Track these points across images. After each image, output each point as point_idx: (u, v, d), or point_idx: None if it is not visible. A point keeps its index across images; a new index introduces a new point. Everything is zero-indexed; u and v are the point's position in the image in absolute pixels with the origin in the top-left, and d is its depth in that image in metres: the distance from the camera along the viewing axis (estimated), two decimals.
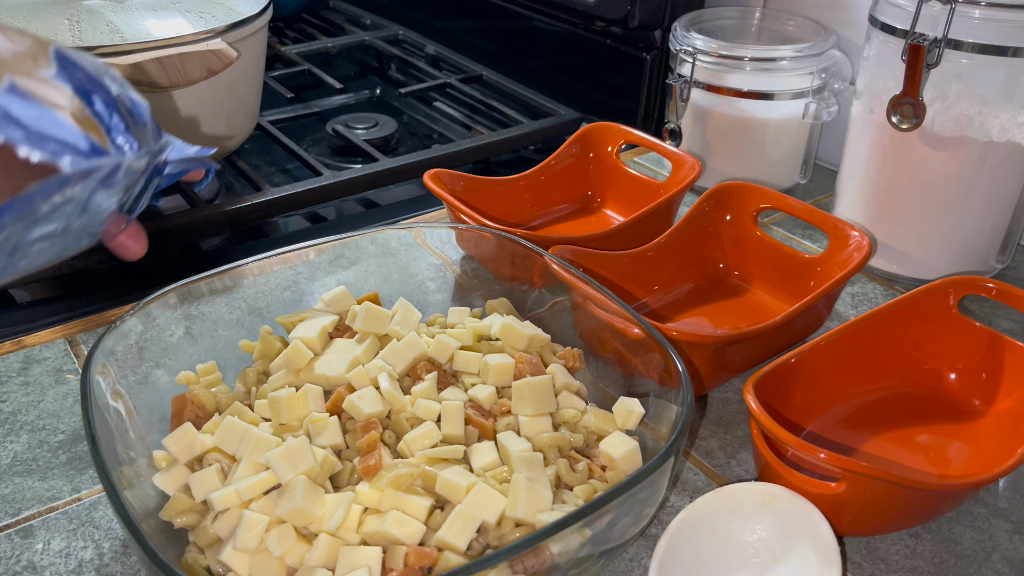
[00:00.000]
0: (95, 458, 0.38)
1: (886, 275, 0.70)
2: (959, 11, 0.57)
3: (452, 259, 0.60)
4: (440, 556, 0.38)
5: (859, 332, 0.54)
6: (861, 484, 0.42)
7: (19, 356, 0.59)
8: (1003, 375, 0.53)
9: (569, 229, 0.75)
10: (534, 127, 0.91)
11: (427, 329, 0.53)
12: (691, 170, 0.69)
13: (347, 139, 0.90)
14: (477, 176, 0.72)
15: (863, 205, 0.69)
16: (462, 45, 1.13)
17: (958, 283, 0.55)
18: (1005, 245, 0.68)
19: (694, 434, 0.54)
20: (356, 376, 0.47)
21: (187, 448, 0.44)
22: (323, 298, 0.53)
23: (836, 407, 0.54)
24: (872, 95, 0.65)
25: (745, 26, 0.83)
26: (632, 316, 0.47)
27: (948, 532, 0.47)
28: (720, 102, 0.78)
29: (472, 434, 0.46)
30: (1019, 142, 0.61)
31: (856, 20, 0.80)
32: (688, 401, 0.41)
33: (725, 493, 0.44)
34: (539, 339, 0.51)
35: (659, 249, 0.64)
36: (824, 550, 0.41)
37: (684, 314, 0.64)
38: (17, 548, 0.45)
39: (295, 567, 0.39)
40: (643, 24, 0.87)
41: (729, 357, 0.55)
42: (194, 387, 0.48)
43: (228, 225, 0.75)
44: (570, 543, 0.37)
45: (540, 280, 0.55)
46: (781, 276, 0.64)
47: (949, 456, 0.51)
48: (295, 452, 0.41)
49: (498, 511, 0.40)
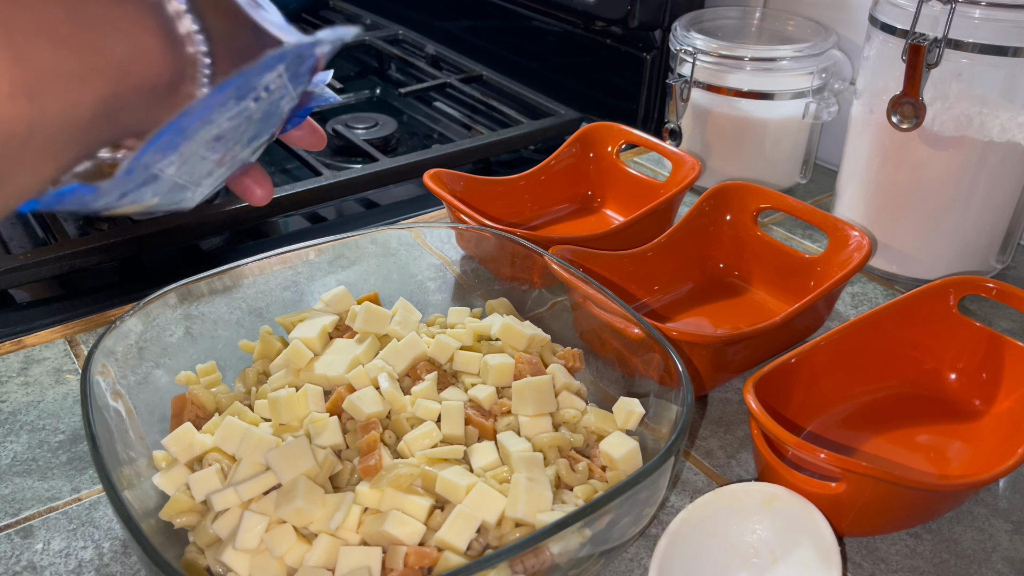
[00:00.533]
0: (95, 458, 0.38)
1: (886, 275, 0.70)
2: (959, 11, 0.57)
3: (452, 259, 0.60)
4: (440, 556, 0.38)
5: (859, 332, 0.54)
6: (861, 484, 0.42)
7: (19, 356, 0.59)
8: (1003, 375, 0.53)
9: (569, 229, 0.75)
10: (534, 127, 0.91)
11: (427, 329, 0.53)
12: (691, 170, 0.69)
13: (347, 139, 0.90)
14: (477, 176, 0.72)
15: (863, 205, 0.69)
16: (462, 45, 1.13)
17: (958, 283, 0.55)
18: (1005, 245, 0.68)
19: (694, 434, 0.53)
20: (356, 376, 0.47)
21: (187, 448, 0.44)
22: (323, 298, 0.53)
23: (836, 407, 0.54)
24: (872, 95, 0.65)
25: (745, 26, 0.83)
26: (632, 316, 0.47)
27: (948, 532, 0.47)
28: (720, 102, 0.78)
29: (472, 434, 0.46)
30: (1019, 142, 0.61)
31: (856, 20, 0.80)
32: (688, 401, 0.41)
33: (725, 493, 0.44)
34: (539, 339, 0.51)
35: (659, 249, 0.64)
36: (824, 550, 0.41)
37: (684, 314, 0.64)
38: (17, 548, 0.45)
39: (295, 567, 0.39)
40: (643, 24, 0.87)
41: (729, 357, 0.55)
42: (194, 387, 0.48)
43: (228, 225, 0.75)
44: (570, 543, 0.37)
45: (540, 280, 0.55)
46: (781, 276, 0.64)
47: (949, 456, 0.51)
48: (295, 452, 0.41)
49: (498, 511, 0.40)
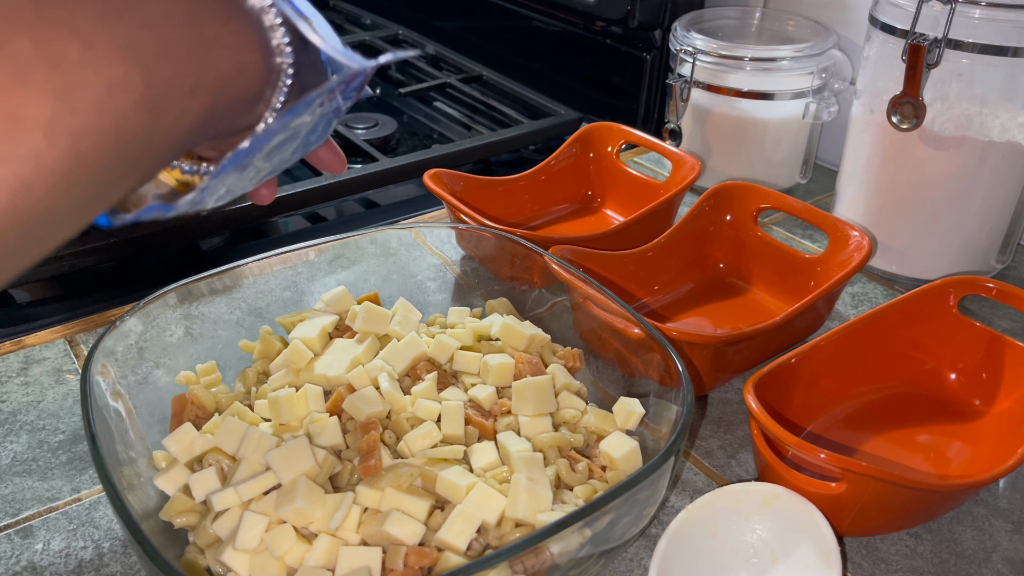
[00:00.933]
0: (95, 458, 0.38)
1: (886, 275, 0.70)
2: (959, 11, 0.57)
3: (452, 259, 0.60)
4: (440, 556, 0.38)
5: (859, 332, 0.54)
6: (861, 484, 0.42)
7: (19, 356, 0.59)
8: (1003, 375, 0.53)
9: (569, 229, 0.75)
10: (534, 127, 0.91)
11: (427, 329, 0.53)
12: (691, 170, 0.69)
13: (347, 139, 0.90)
14: (477, 176, 0.72)
15: (863, 205, 0.69)
16: (462, 45, 1.13)
17: (958, 283, 0.55)
18: (1005, 245, 0.68)
19: (694, 434, 0.53)
20: (356, 376, 0.47)
21: (187, 448, 0.44)
22: (323, 298, 0.53)
23: (836, 407, 0.54)
24: (872, 95, 0.65)
25: (745, 26, 0.83)
26: (632, 316, 0.47)
27: (948, 532, 0.47)
28: (720, 102, 0.78)
29: (472, 434, 0.46)
30: (1019, 142, 0.61)
31: (856, 20, 0.80)
32: (688, 401, 0.41)
33: (725, 493, 0.44)
34: (539, 339, 0.51)
35: (659, 249, 0.64)
36: (824, 550, 0.41)
37: (684, 314, 0.64)
38: (17, 548, 0.45)
39: (295, 567, 0.39)
40: (643, 24, 0.87)
41: (729, 357, 0.55)
42: (194, 387, 0.48)
43: (228, 225, 0.75)
44: (570, 543, 0.37)
45: (540, 280, 0.55)
46: (781, 276, 0.64)
47: (949, 456, 0.51)
48: (295, 452, 0.41)
49: (498, 511, 0.40)
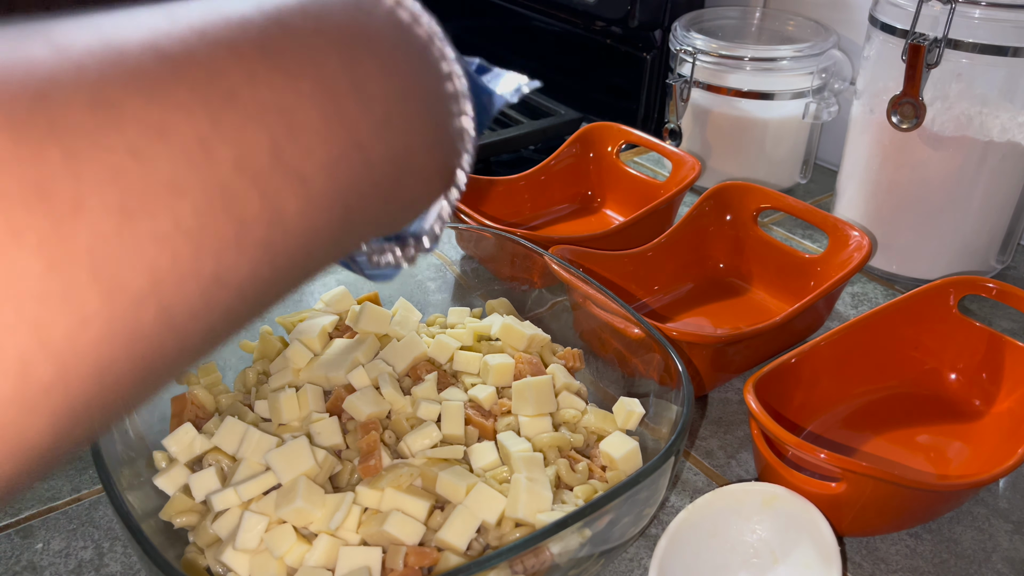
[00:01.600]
0: (95, 458, 0.38)
1: (886, 275, 0.70)
2: (959, 11, 0.57)
3: (452, 259, 0.60)
4: (440, 556, 0.38)
5: (859, 332, 0.54)
6: (861, 484, 0.42)
7: None
8: (1003, 375, 0.53)
9: (569, 229, 0.75)
10: (534, 127, 0.91)
11: (427, 329, 0.53)
12: (691, 170, 0.69)
13: None
14: (477, 176, 0.72)
15: (863, 205, 0.69)
16: (462, 45, 1.12)
17: (958, 283, 0.55)
18: (1005, 245, 0.68)
19: (694, 434, 0.53)
20: (356, 376, 0.47)
21: (187, 448, 0.44)
22: (323, 298, 0.53)
23: (836, 407, 0.54)
24: (872, 95, 0.65)
25: (745, 26, 0.83)
26: (632, 316, 0.47)
27: (948, 532, 0.47)
28: (720, 102, 0.78)
29: (472, 434, 0.46)
30: (1019, 142, 0.61)
31: (856, 20, 0.80)
32: (688, 401, 0.41)
33: (725, 493, 0.44)
34: (539, 339, 0.51)
35: (659, 249, 0.64)
36: (824, 550, 0.41)
37: (684, 314, 0.64)
38: (17, 548, 0.45)
39: (295, 567, 0.39)
40: (643, 24, 0.87)
41: (729, 357, 0.55)
42: (194, 387, 0.48)
43: None
44: (570, 543, 0.37)
45: (540, 280, 0.55)
46: (781, 276, 0.64)
47: (949, 456, 0.51)
48: (295, 452, 0.41)
49: (498, 511, 0.40)
